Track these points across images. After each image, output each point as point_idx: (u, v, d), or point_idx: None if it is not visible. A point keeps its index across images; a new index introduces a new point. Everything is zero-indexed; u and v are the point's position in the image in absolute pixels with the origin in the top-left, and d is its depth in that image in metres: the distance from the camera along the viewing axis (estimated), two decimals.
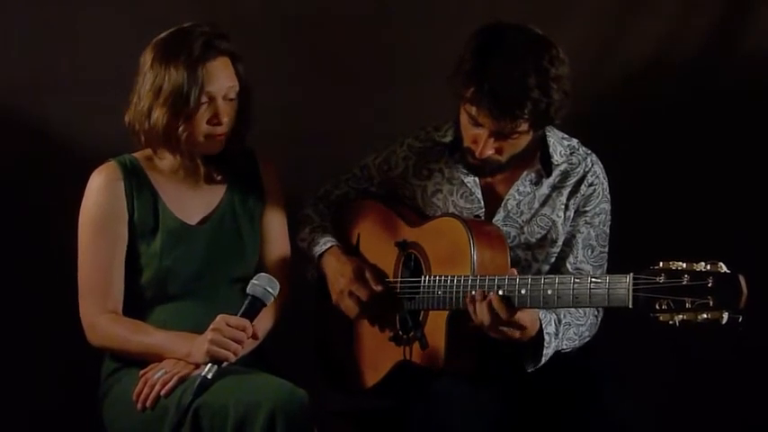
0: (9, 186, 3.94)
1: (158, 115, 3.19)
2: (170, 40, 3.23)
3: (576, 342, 3.25)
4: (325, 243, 3.42)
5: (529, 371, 3.17)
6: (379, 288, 3.30)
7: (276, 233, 3.43)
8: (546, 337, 3.13)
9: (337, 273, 3.37)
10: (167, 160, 3.30)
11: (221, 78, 3.21)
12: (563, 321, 3.18)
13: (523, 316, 3.04)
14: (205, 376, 3.02)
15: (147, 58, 3.22)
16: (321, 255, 3.42)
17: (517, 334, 3.06)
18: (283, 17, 4.09)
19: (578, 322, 3.23)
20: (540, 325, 3.11)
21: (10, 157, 3.96)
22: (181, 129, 3.20)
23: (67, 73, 3.98)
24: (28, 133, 3.97)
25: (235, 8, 4.04)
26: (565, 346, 3.21)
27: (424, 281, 3.22)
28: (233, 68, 3.25)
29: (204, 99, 3.19)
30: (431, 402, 3.11)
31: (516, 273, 3.07)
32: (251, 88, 3.31)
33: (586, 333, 3.27)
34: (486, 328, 3.06)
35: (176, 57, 3.18)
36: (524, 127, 3.14)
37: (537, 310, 3.08)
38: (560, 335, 3.18)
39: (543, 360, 3.15)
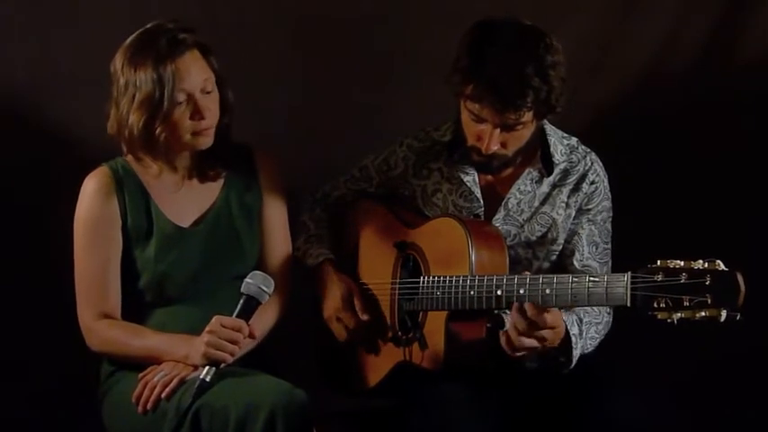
0: (8, 187, 3.94)
1: (134, 120, 3.17)
2: (135, 43, 3.20)
3: (597, 341, 3.25)
4: (318, 256, 3.43)
5: (564, 372, 3.18)
6: (365, 318, 3.32)
7: (275, 229, 3.42)
8: (573, 339, 3.12)
9: (327, 294, 3.39)
10: (154, 166, 3.29)
11: (193, 73, 3.18)
12: (584, 320, 3.19)
13: (550, 317, 3.02)
14: (203, 378, 3.03)
15: (116, 65, 3.21)
16: (313, 268, 3.43)
17: (550, 335, 3.03)
18: (283, 17, 4.08)
19: (596, 320, 3.23)
20: (566, 327, 3.11)
21: (9, 157, 3.95)
22: (158, 130, 3.18)
23: (67, 73, 3.97)
24: (28, 133, 3.97)
25: (235, 8, 4.03)
26: (589, 346, 3.21)
27: (423, 282, 3.22)
28: (204, 60, 3.22)
29: (181, 97, 3.17)
30: (431, 403, 3.11)
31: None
32: (227, 79, 3.28)
33: (603, 331, 3.28)
34: (522, 343, 3.04)
35: (143, 59, 3.16)
36: (528, 117, 3.16)
37: (559, 311, 3.08)
38: (584, 334, 3.18)
39: (574, 362, 3.15)
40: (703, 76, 4.13)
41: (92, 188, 3.28)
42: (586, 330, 3.19)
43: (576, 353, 3.15)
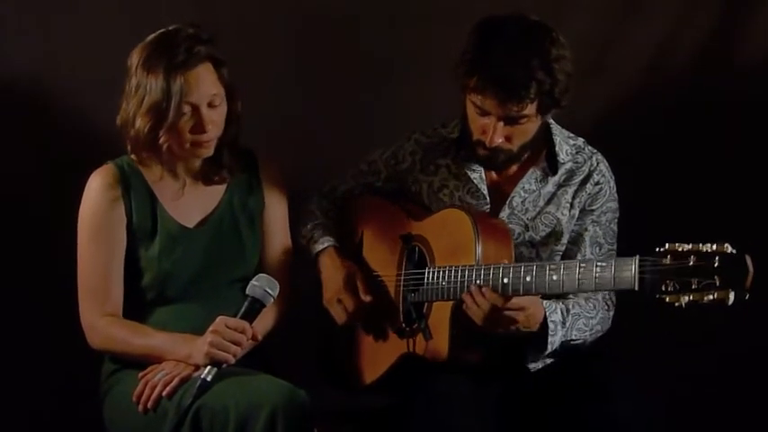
0: (9, 186, 3.94)
1: (141, 124, 3.18)
2: (153, 45, 3.20)
3: (587, 334, 3.24)
4: (323, 242, 3.42)
5: (536, 362, 3.19)
6: (368, 299, 3.32)
7: (276, 234, 3.42)
8: (551, 325, 3.13)
9: (329, 278, 3.38)
10: (155, 168, 3.30)
11: (202, 87, 3.18)
12: (571, 312, 3.19)
13: (521, 300, 3.05)
14: (204, 378, 3.03)
15: (132, 61, 3.21)
16: (318, 254, 3.42)
17: (521, 316, 3.06)
18: (283, 18, 4.09)
19: (588, 314, 3.23)
20: (545, 314, 3.11)
21: (10, 157, 3.95)
22: (162, 138, 3.19)
23: (68, 72, 3.97)
24: (28, 133, 3.97)
25: (235, 8, 4.04)
26: (574, 336, 3.21)
27: (429, 273, 3.21)
28: (216, 74, 3.22)
29: (186, 109, 3.18)
30: (431, 402, 3.09)
31: None
32: (237, 91, 3.29)
33: (598, 327, 3.27)
34: (489, 322, 3.07)
35: (157, 65, 3.16)
36: (531, 109, 3.16)
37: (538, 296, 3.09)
38: (568, 324, 3.18)
39: (549, 348, 3.15)
40: (703, 76, 4.14)
41: (97, 185, 3.28)
42: (573, 320, 3.20)
43: (554, 339, 3.16)
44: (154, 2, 3.94)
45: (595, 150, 3.39)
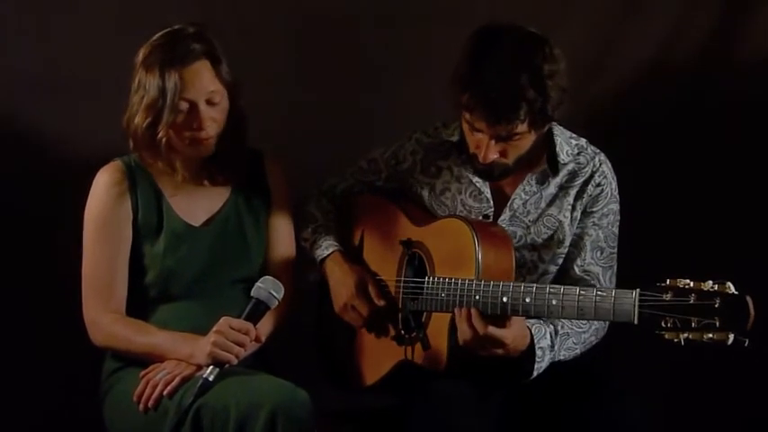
0: (9, 187, 3.93)
1: (139, 121, 3.19)
2: (154, 44, 3.22)
3: (578, 349, 3.24)
4: (327, 247, 3.41)
5: (522, 382, 3.17)
6: (381, 303, 3.31)
7: (281, 235, 3.43)
8: (538, 352, 3.12)
9: (340, 283, 3.37)
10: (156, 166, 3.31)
11: (198, 83, 3.19)
12: (560, 332, 3.18)
13: (504, 333, 3.04)
14: (206, 378, 3.04)
15: (137, 60, 3.22)
16: (323, 259, 3.41)
17: (499, 351, 3.06)
18: (284, 17, 4.08)
19: (579, 330, 3.22)
20: (533, 340, 3.11)
21: (10, 158, 3.94)
22: (160, 134, 3.20)
23: (67, 73, 3.95)
24: (28, 134, 3.96)
25: (235, 8, 4.03)
26: (563, 356, 3.21)
27: (428, 282, 3.20)
28: (213, 71, 3.23)
29: (184, 106, 3.19)
30: (431, 402, 3.10)
31: None
32: (239, 88, 3.29)
33: (592, 339, 3.27)
34: (470, 345, 3.07)
35: (154, 63, 3.17)
36: (523, 128, 3.12)
37: (525, 324, 3.09)
38: (557, 346, 3.17)
39: (535, 374, 3.15)
40: (703, 76, 4.14)
41: (104, 181, 3.29)
42: (562, 342, 3.19)
43: (541, 365, 3.15)
44: (154, 2, 3.93)
45: (598, 150, 3.36)
